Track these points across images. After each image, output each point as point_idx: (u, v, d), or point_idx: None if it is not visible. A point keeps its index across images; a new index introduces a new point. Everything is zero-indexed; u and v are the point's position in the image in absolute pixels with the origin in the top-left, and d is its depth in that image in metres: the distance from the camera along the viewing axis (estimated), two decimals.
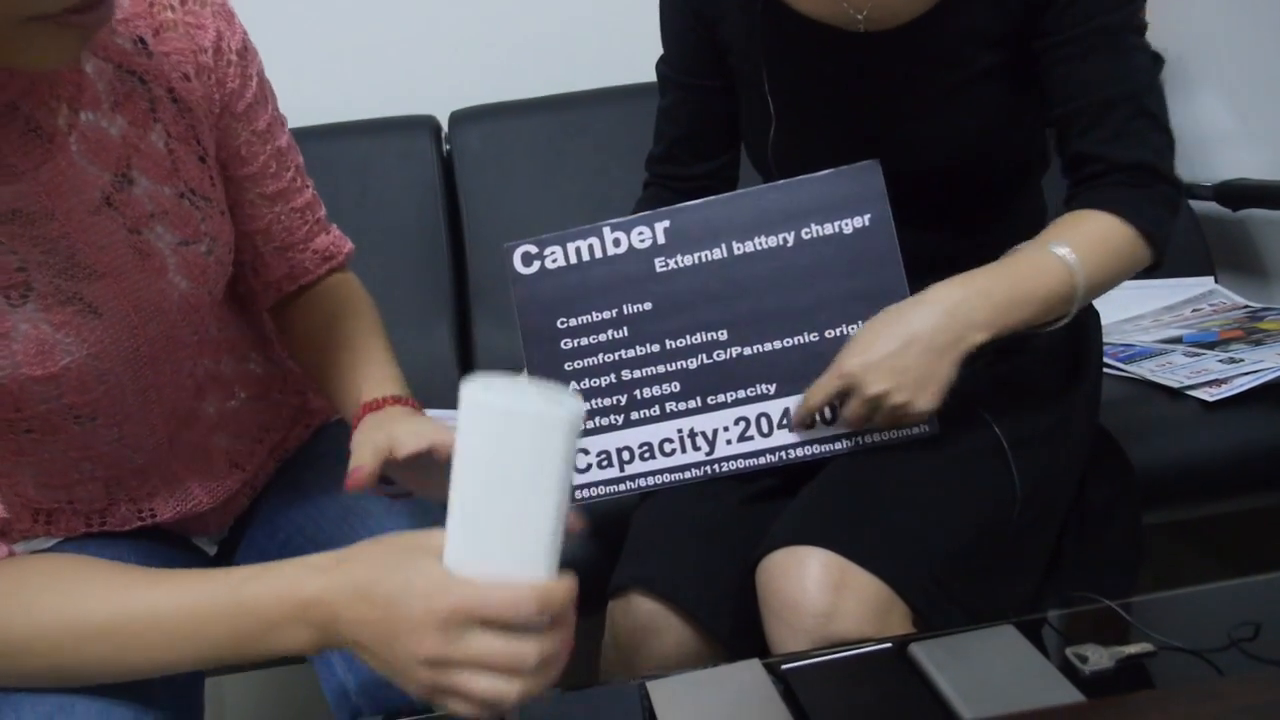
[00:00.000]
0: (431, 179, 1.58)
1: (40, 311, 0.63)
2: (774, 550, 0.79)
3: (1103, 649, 0.68)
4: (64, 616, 0.59)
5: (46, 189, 0.62)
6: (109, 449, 0.73)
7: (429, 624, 0.53)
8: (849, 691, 0.68)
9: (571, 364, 0.88)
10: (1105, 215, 0.82)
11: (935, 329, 0.78)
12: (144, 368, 0.71)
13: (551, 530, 0.53)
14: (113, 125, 0.66)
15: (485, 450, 0.52)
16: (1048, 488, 0.89)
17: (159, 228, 0.68)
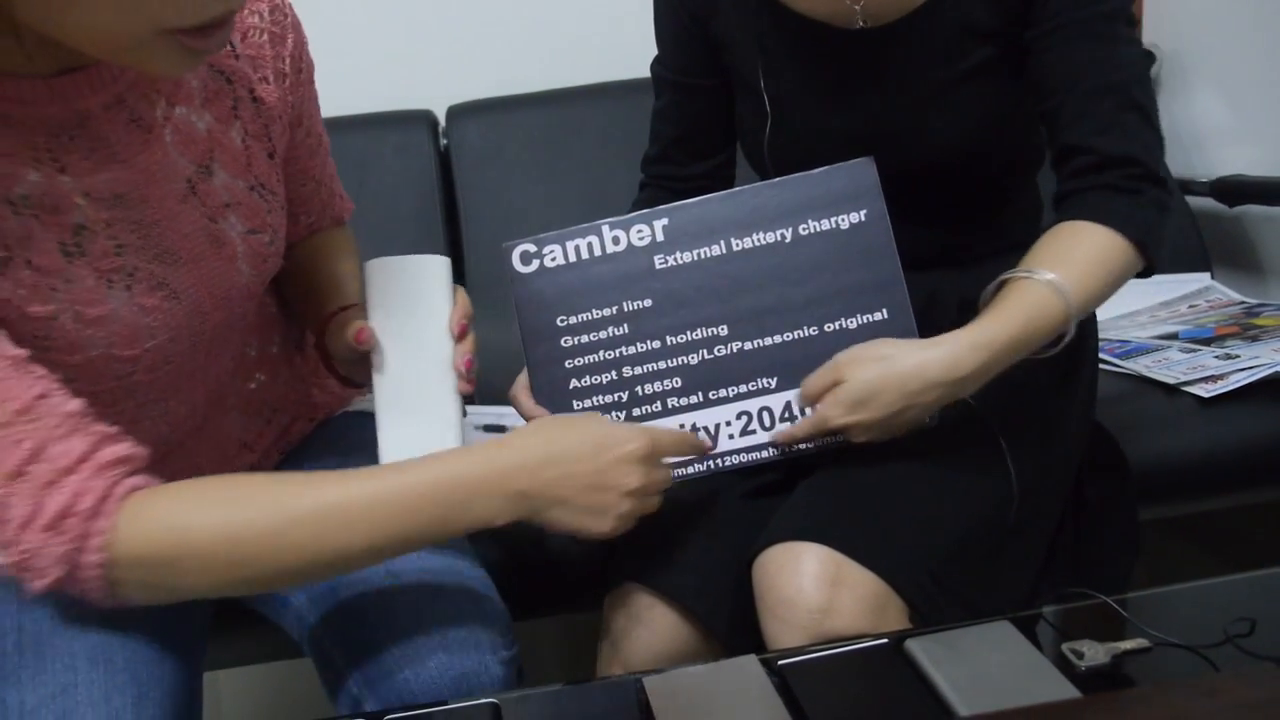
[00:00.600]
0: (428, 173, 1.58)
1: (138, 297, 0.68)
2: (770, 546, 0.79)
3: (1098, 644, 0.68)
4: (287, 506, 0.64)
5: (144, 176, 0.68)
6: (149, 424, 0.76)
7: (631, 462, 0.70)
8: (845, 687, 0.69)
9: (572, 361, 0.88)
10: (1099, 229, 0.81)
11: (931, 393, 0.78)
12: (201, 350, 0.76)
13: (447, 375, 0.78)
14: (200, 120, 0.72)
15: (390, 297, 0.76)
16: (1044, 484, 0.89)
17: (232, 217, 0.73)
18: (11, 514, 0.60)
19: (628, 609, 0.85)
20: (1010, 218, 0.97)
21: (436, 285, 0.79)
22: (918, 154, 0.90)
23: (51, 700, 0.67)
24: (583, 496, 0.69)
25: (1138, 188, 0.82)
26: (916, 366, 0.78)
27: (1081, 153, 0.83)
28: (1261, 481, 1.15)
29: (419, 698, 0.75)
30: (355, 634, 0.79)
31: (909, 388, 0.78)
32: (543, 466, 0.69)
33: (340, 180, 0.97)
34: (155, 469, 0.74)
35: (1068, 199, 0.85)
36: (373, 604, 0.79)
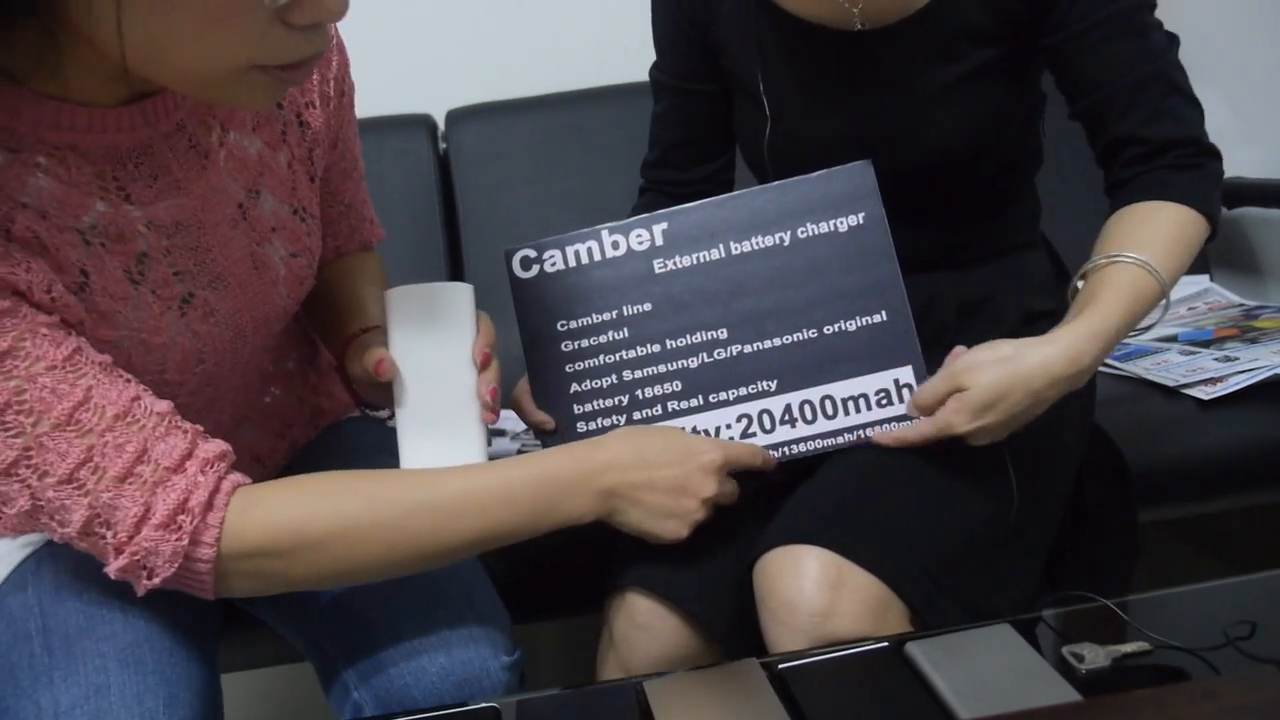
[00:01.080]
0: (428, 177, 1.58)
1: (191, 322, 0.69)
2: (771, 549, 0.79)
3: (1099, 648, 0.68)
4: (399, 498, 0.68)
5: (201, 202, 0.68)
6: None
7: (711, 472, 0.75)
8: (846, 691, 0.69)
9: (572, 365, 0.89)
10: (1171, 206, 0.83)
11: (1055, 388, 0.78)
12: (237, 372, 0.77)
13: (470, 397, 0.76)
14: (251, 144, 0.72)
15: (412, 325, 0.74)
16: (1044, 487, 0.89)
17: (276, 242, 0.74)
18: (123, 515, 0.61)
19: (628, 613, 0.85)
20: (1009, 219, 0.97)
21: (460, 313, 0.78)
22: (916, 156, 0.90)
23: (85, 701, 0.68)
24: (662, 500, 0.74)
25: (1197, 163, 0.85)
26: (1041, 364, 0.77)
27: (1135, 143, 0.85)
28: (1261, 484, 1.15)
29: (420, 703, 0.75)
30: (357, 639, 0.79)
31: (1034, 386, 0.77)
32: (631, 469, 0.73)
33: (373, 205, 0.96)
34: None
35: (1128, 184, 0.86)
36: (375, 609, 0.79)
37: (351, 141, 0.87)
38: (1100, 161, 0.89)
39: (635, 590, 0.85)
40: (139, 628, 0.71)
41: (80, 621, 0.71)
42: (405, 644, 0.77)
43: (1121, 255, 0.81)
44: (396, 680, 0.76)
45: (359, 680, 0.78)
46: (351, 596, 0.80)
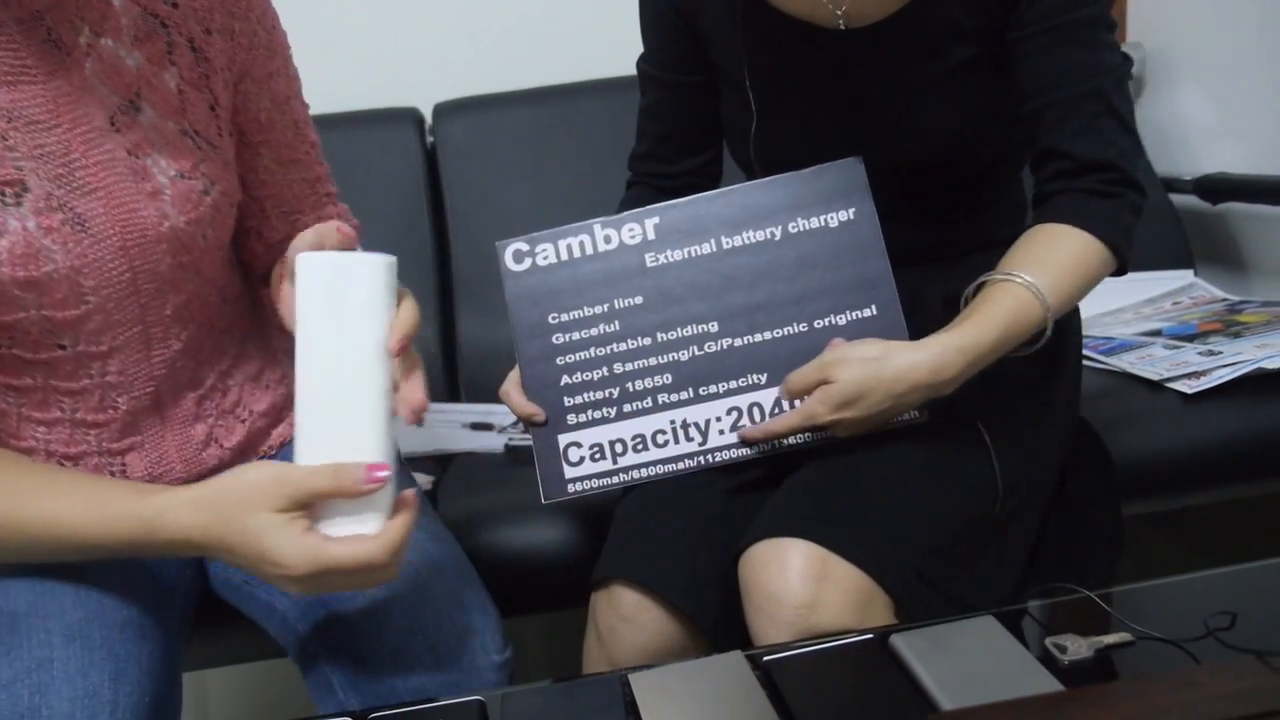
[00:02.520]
0: (415, 171, 1.57)
1: (32, 215, 0.67)
2: (757, 542, 0.80)
3: (1082, 639, 0.68)
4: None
5: (54, 98, 0.67)
6: (95, 387, 0.75)
7: (289, 579, 0.63)
8: (830, 683, 0.69)
9: (563, 358, 0.89)
10: (1077, 232, 0.83)
11: (915, 394, 0.80)
12: (137, 301, 0.74)
13: (368, 392, 0.63)
14: (130, 57, 0.71)
15: (311, 304, 0.63)
16: (1029, 479, 0.89)
17: (159, 157, 0.72)
18: None
19: (614, 606, 0.85)
20: (994, 215, 0.97)
21: (376, 291, 0.64)
22: (901, 152, 0.90)
23: (27, 675, 0.67)
24: (254, 576, 0.66)
25: (1115, 192, 0.84)
26: (904, 369, 0.79)
27: (1060, 156, 0.85)
28: (1243, 477, 1.16)
29: (405, 700, 0.75)
30: (344, 642, 0.78)
31: (895, 389, 0.79)
32: (219, 549, 0.65)
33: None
34: (113, 446, 0.76)
35: (1046, 201, 0.86)
36: (362, 611, 0.78)
37: (290, 101, 0.84)
38: (1031, 169, 0.90)
39: (620, 583, 0.85)
40: (90, 606, 0.71)
41: (29, 599, 0.71)
42: (391, 646, 0.76)
43: (1016, 275, 0.81)
44: (383, 682, 0.76)
45: (345, 682, 0.77)
46: (338, 599, 0.79)
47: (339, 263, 0.64)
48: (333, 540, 0.62)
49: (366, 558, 0.62)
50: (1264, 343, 1.21)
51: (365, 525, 0.63)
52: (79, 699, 0.66)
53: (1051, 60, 0.84)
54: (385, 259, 0.65)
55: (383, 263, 0.64)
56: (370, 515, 0.63)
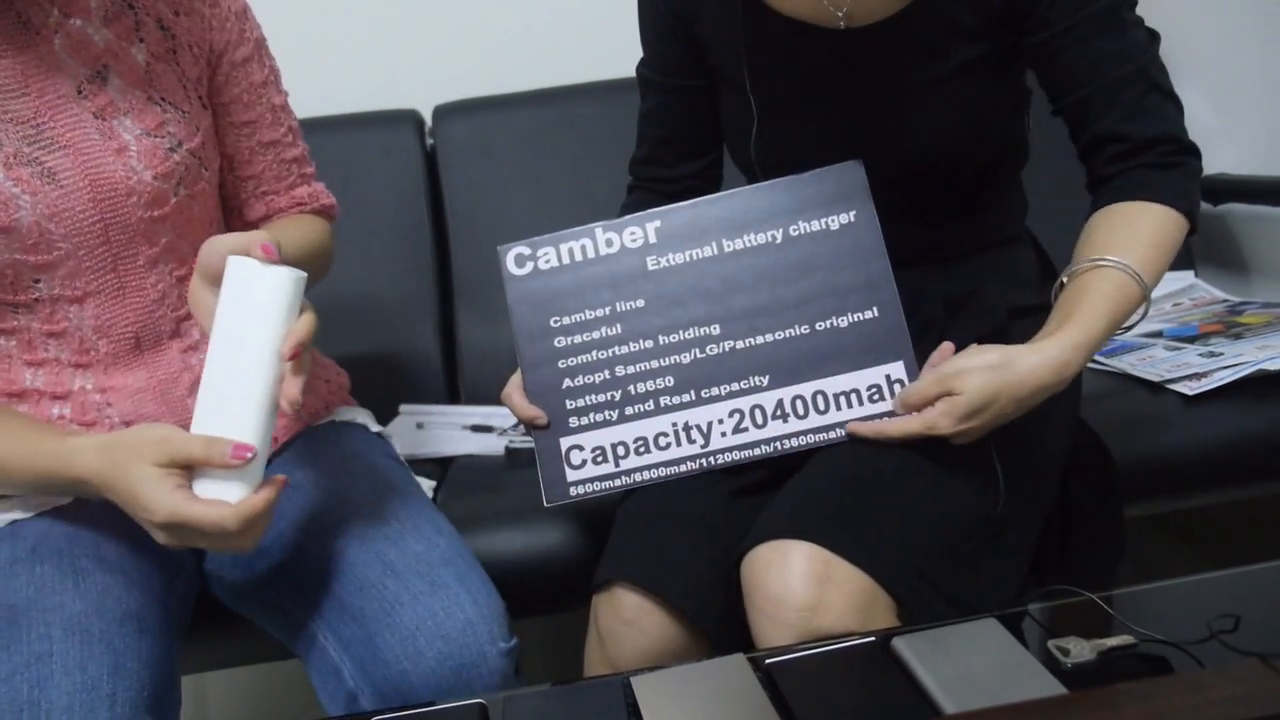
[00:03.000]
0: (415, 173, 1.57)
1: (2, 168, 0.74)
2: (759, 544, 0.79)
3: (1084, 642, 0.68)
4: None
5: (23, 70, 0.76)
6: (75, 329, 0.81)
7: (153, 525, 0.71)
8: (832, 686, 0.69)
9: (565, 361, 0.89)
10: (1153, 207, 0.84)
11: (1039, 396, 0.80)
12: (109, 250, 0.80)
13: (256, 384, 0.71)
14: (98, 34, 0.79)
15: (229, 300, 0.71)
16: (1030, 482, 0.89)
17: (125, 119, 0.80)
18: None
19: (616, 609, 0.85)
20: (995, 215, 0.97)
21: (279, 300, 0.72)
22: (903, 153, 0.90)
23: (26, 668, 0.68)
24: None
25: (1176, 161, 0.85)
26: (1029, 374, 0.79)
27: (1115, 140, 0.86)
28: (1245, 479, 1.16)
29: (417, 690, 0.75)
30: (351, 629, 0.79)
31: (1020, 395, 0.79)
32: (103, 488, 0.73)
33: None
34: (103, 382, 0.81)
35: (1109, 182, 0.87)
36: (369, 598, 0.79)
37: (267, 87, 0.93)
38: (1082, 157, 0.90)
39: (622, 586, 0.85)
40: (89, 600, 0.72)
41: (29, 594, 0.72)
42: (403, 631, 0.77)
43: (1104, 259, 0.82)
44: (394, 667, 0.76)
45: (356, 669, 0.78)
46: (346, 587, 0.80)
47: (253, 269, 0.72)
48: (195, 500, 0.70)
49: (218, 519, 0.69)
50: (1265, 344, 1.21)
51: (227, 494, 0.71)
52: (77, 693, 0.67)
53: (1085, 53, 0.84)
54: (293, 274, 0.73)
55: (289, 276, 0.72)
56: (234, 485, 0.71)
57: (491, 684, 0.77)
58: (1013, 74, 0.91)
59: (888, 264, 0.87)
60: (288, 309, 0.72)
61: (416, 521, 0.86)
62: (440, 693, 0.76)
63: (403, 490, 0.91)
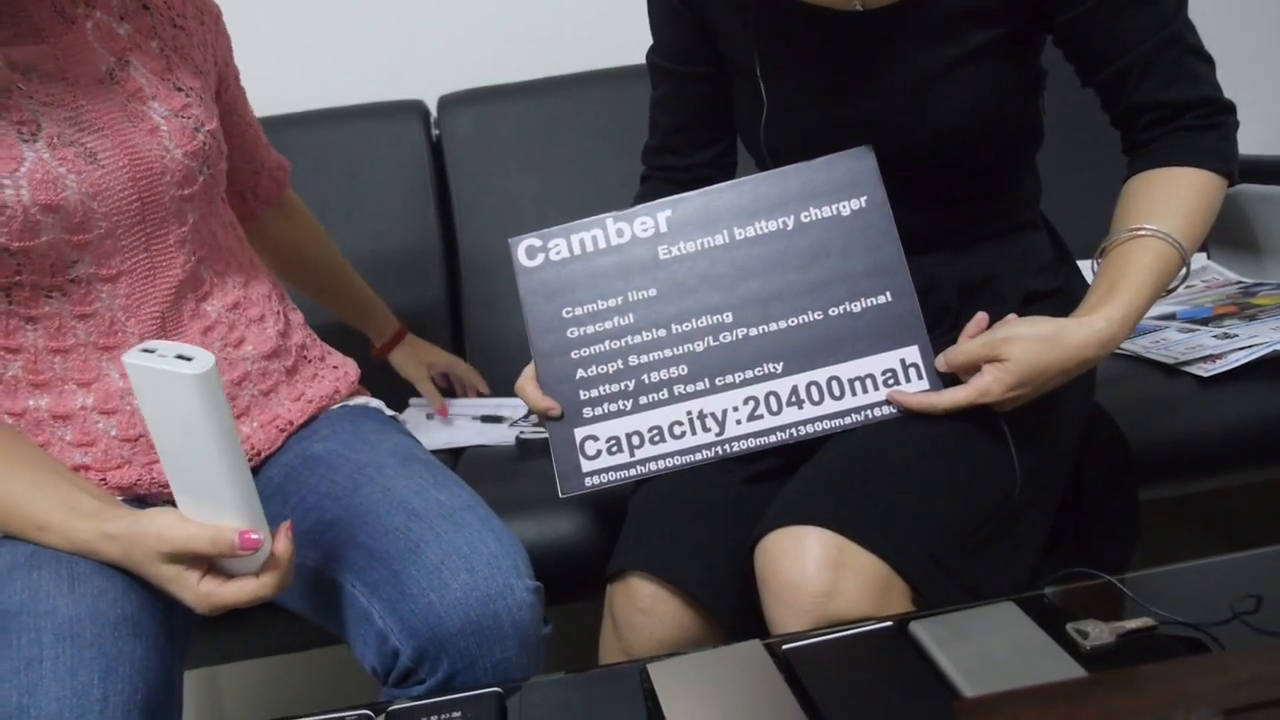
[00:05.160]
0: (421, 164, 1.57)
1: (47, 149, 0.77)
2: (773, 530, 0.79)
3: (1103, 624, 0.68)
4: None
5: (63, 54, 0.80)
6: (106, 310, 0.82)
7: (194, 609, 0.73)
8: (850, 671, 0.68)
9: (578, 352, 0.89)
10: (1191, 171, 0.84)
11: (1086, 366, 0.81)
12: (143, 229, 0.83)
13: (219, 478, 0.68)
14: (121, 28, 0.85)
15: (146, 404, 0.68)
16: (1045, 466, 0.88)
17: (153, 103, 0.84)
18: None
19: (631, 597, 0.85)
20: (1009, 199, 0.96)
21: (195, 406, 0.65)
22: (916, 138, 0.89)
23: (15, 675, 0.67)
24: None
25: (1214, 122, 0.86)
26: (1078, 346, 0.79)
27: (1152, 108, 0.86)
28: (1262, 460, 1.15)
29: (445, 622, 0.76)
30: (381, 572, 0.80)
31: (1067, 367, 0.80)
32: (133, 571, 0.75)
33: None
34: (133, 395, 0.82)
35: (1148, 146, 0.87)
36: (393, 541, 0.80)
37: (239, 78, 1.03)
38: (1116, 124, 0.90)
39: (637, 574, 0.85)
40: (83, 604, 0.71)
41: (22, 599, 0.71)
42: (428, 566, 0.78)
43: (1144, 228, 0.82)
44: (420, 600, 0.77)
45: (385, 609, 0.79)
46: (370, 535, 0.81)
47: (153, 376, 0.65)
48: (226, 585, 0.72)
49: (257, 595, 0.72)
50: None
51: (249, 565, 0.73)
52: (67, 698, 0.67)
53: (1116, 28, 0.84)
54: (191, 375, 0.64)
55: (189, 379, 0.64)
56: (251, 560, 0.72)
57: (520, 619, 0.78)
58: (1029, 56, 0.90)
59: (900, 248, 0.87)
60: (209, 404, 0.65)
61: (437, 476, 0.87)
62: (468, 623, 0.76)
63: (422, 456, 0.92)
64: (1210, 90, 0.86)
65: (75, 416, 0.83)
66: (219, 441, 0.66)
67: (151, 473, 0.85)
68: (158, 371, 0.65)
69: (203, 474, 0.69)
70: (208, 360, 0.65)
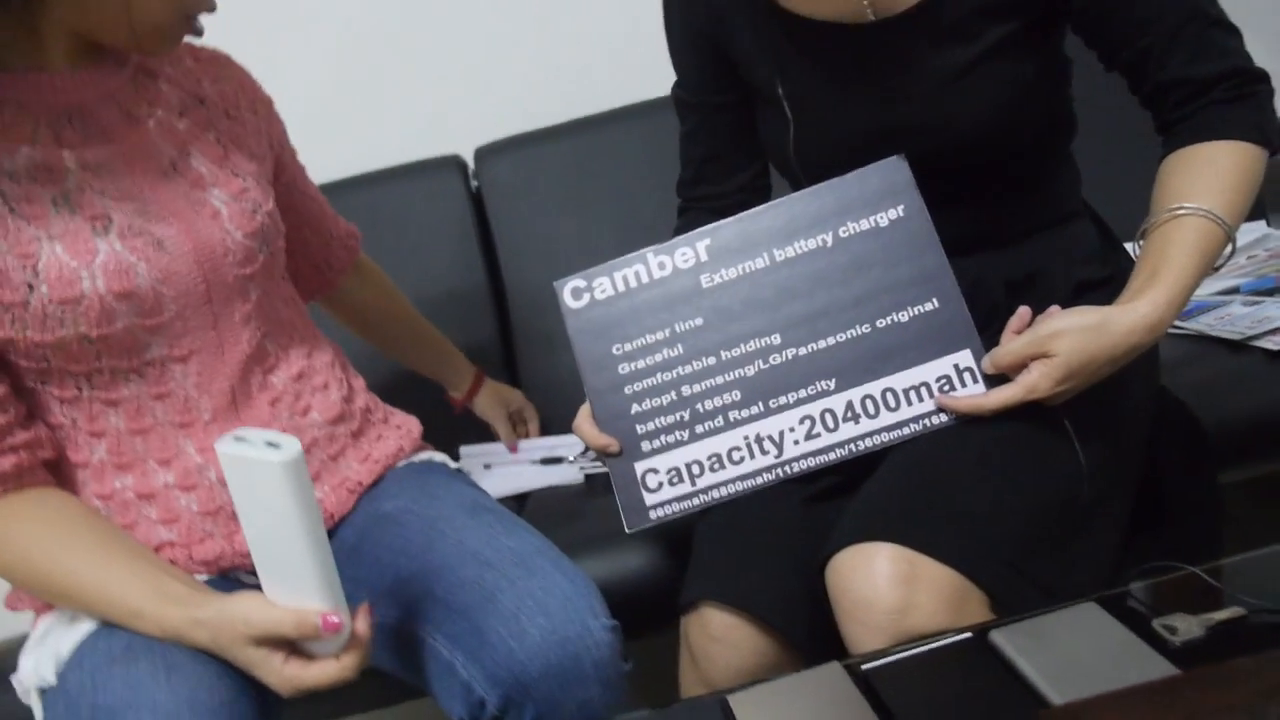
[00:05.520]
0: (463, 215, 1.60)
1: (119, 240, 0.81)
2: (841, 549, 0.79)
3: (1191, 618, 0.66)
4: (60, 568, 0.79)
5: (130, 151, 0.85)
6: (179, 389, 0.86)
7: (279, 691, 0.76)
8: (932, 686, 0.67)
9: (631, 387, 0.90)
10: (1229, 144, 0.83)
11: (1134, 353, 0.80)
12: (210, 309, 0.87)
13: (304, 561, 0.71)
14: (180, 123, 0.90)
15: (237, 491, 0.71)
16: (1115, 458, 0.87)
17: (213, 189, 0.89)
18: None
19: (705, 628, 0.85)
20: (1047, 192, 0.95)
21: (282, 491, 0.69)
22: (946, 140, 0.89)
23: None
24: None
25: (1245, 93, 0.84)
26: (1125, 333, 0.79)
27: (1180, 85, 0.85)
28: None
29: (527, 668, 0.77)
30: (457, 624, 0.81)
31: (1116, 354, 0.79)
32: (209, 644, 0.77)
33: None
34: (204, 443, 0.87)
35: (1181, 124, 0.86)
36: (469, 593, 0.82)
37: (292, 154, 1.08)
38: (1145, 105, 0.89)
39: (708, 604, 0.85)
40: (182, 695, 0.74)
41: (125, 694, 0.74)
42: (505, 614, 0.80)
43: (1183, 207, 0.81)
44: (500, 648, 0.78)
45: (467, 659, 0.80)
46: (446, 588, 0.83)
47: (244, 464, 0.69)
48: (309, 667, 0.75)
49: (340, 677, 0.75)
50: None
51: (331, 647, 0.75)
52: None
53: (1132, 10, 0.83)
54: (280, 462, 0.67)
55: (277, 466, 0.67)
56: (334, 638, 0.74)
57: (600, 658, 0.79)
58: (1049, 47, 0.90)
59: (942, 253, 0.87)
60: (295, 489, 0.68)
61: (506, 524, 0.89)
62: (549, 666, 0.77)
63: (489, 505, 0.94)
64: (1239, 60, 0.84)
65: (159, 494, 0.86)
66: (304, 524, 0.69)
67: (233, 544, 0.88)
68: (248, 459, 0.68)
69: (288, 557, 0.71)
70: (295, 447, 0.68)
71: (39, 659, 0.82)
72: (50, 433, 0.84)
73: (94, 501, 0.86)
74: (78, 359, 0.81)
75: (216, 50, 0.98)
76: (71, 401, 0.84)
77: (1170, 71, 0.84)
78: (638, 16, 1.29)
